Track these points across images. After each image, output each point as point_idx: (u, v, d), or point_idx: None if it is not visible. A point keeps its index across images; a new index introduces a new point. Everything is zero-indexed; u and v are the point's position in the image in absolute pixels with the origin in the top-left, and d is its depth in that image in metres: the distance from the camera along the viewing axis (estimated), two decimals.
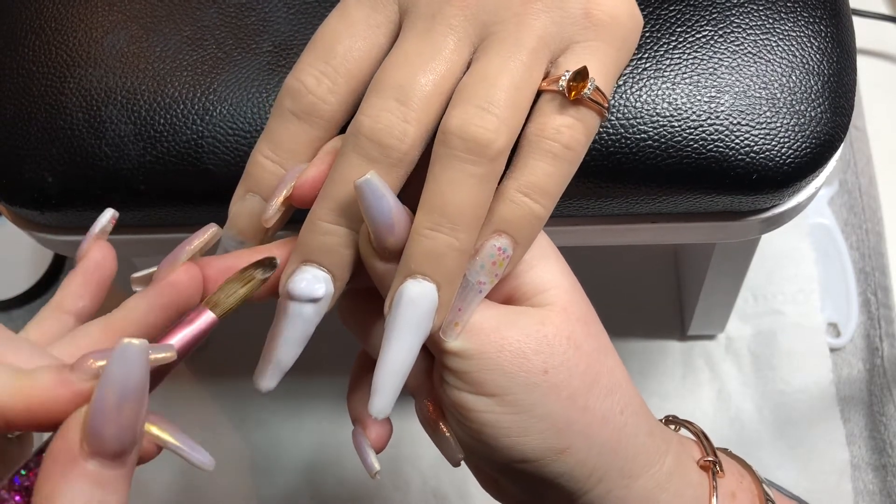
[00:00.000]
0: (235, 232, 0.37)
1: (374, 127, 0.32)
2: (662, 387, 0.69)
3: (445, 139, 0.32)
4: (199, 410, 0.70)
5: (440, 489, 0.66)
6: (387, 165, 0.33)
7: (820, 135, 0.41)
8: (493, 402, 0.34)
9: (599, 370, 0.35)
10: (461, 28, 0.34)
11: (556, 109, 0.34)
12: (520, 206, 0.33)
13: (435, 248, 0.32)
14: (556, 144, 0.33)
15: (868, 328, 0.70)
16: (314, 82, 0.35)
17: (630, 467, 0.36)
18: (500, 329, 0.34)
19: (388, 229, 0.32)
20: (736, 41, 0.42)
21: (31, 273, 0.74)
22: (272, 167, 0.36)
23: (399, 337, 0.33)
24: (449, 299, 0.33)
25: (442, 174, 0.32)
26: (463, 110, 0.32)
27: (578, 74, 0.33)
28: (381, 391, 0.33)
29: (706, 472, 0.38)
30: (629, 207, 0.43)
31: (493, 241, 0.33)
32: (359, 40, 0.35)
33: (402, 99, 0.33)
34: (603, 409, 0.35)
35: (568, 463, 0.35)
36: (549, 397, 0.34)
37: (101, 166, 0.42)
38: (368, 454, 0.36)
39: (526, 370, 0.34)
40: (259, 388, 0.35)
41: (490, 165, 0.32)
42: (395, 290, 0.33)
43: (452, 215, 0.32)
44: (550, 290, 0.35)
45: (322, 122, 0.35)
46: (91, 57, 0.43)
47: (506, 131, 0.32)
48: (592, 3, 0.35)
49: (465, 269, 0.33)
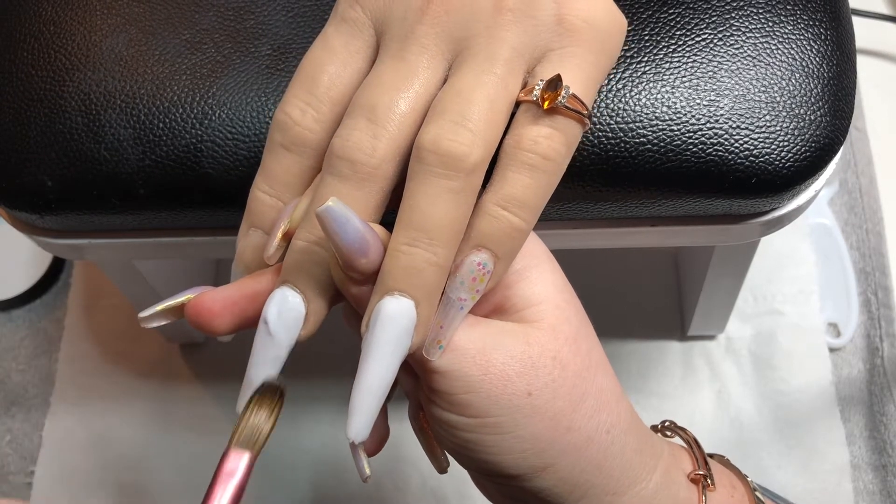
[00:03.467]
0: (243, 268, 0.37)
1: (343, 146, 0.33)
2: (662, 387, 0.69)
3: (420, 155, 0.32)
4: (199, 410, 0.70)
5: (440, 489, 0.66)
6: (356, 181, 0.33)
7: (820, 138, 0.41)
8: (476, 423, 0.34)
9: (586, 389, 0.35)
10: (433, 46, 0.34)
11: (532, 120, 0.33)
12: (499, 219, 0.33)
13: (413, 264, 0.32)
14: (533, 156, 0.33)
15: (868, 328, 0.70)
16: (299, 114, 0.35)
17: (614, 485, 0.35)
18: (486, 351, 0.34)
19: (358, 253, 0.32)
20: (735, 44, 0.41)
21: (31, 273, 0.74)
22: (271, 201, 0.36)
23: (377, 356, 0.32)
24: (428, 316, 0.33)
25: (417, 189, 0.32)
26: (437, 126, 0.32)
27: (551, 83, 0.33)
28: (357, 413, 0.32)
29: (697, 485, 0.38)
30: (628, 211, 0.43)
31: (472, 257, 0.33)
32: (339, 67, 0.35)
33: (371, 118, 0.33)
34: (588, 429, 0.35)
35: (549, 479, 0.35)
36: (532, 419, 0.34)
37: (100, 170, 0.42)
38: (361, 459, 0.36)
39: (509, 393, 0.33)
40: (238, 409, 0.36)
41: (466, 179, 0.32)
42: (371, 307, 0.32)
43: (429, 230, 0.32)
44: (538, 306, 0.35)
45: (311, 152, 0.35)
46: (90, 60, 0.43)
47: (481, 145, 0.32)
48: (565, 9, 0.34)
49: (443, 285, 0.33)
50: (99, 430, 0.69)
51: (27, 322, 0.74)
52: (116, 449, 0.69)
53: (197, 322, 0.34)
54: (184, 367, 0.71)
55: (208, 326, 0.34)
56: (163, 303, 0.35)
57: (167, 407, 0.70)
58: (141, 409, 0.70)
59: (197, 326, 0.35)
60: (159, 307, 0.35)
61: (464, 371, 0.33)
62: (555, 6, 0.34)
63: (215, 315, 0.34)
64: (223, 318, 0.34)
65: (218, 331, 0.34)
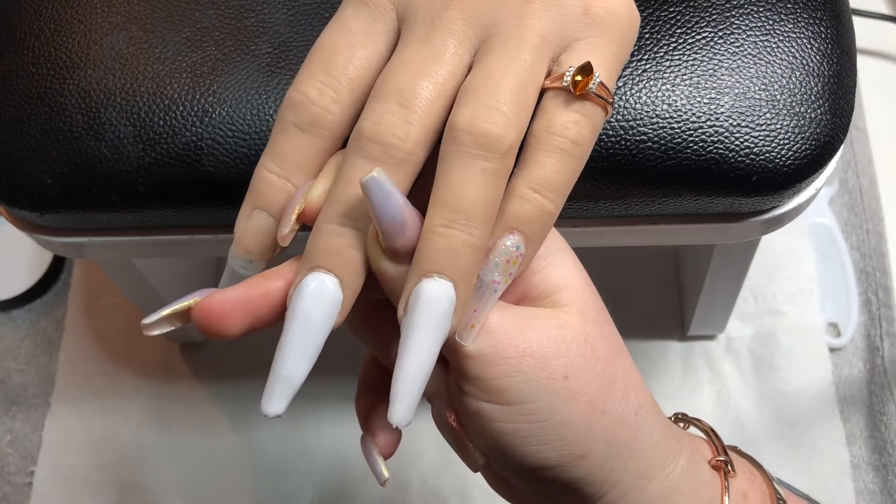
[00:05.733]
0: (243, 251, 0.35)
1: (376, 129, 0.32)
2: (662, 387, 0.69)
3: (455, 136, 0.32)
4: (199, 410, 0.70)
5: (440, 489, 0.66)
6: (391, 165, 0.32)
7: (820, 136, 0.41)
8: (513, 412, 0.33)
9: (615, 372, 0.35)
10: (461, 32, 0.34)
11: (562, 105, 0.33)
12: (531, 202, 0.33)
13: (451, 245, 0.31)
14: (563, 140, 0.33)
15: (868, 328, 0.70)
16: (317, 93, 0.34)
17: (645, 469, 0.35)
18: (522, 332, 0.33)
19: (399, 228, 0.31)
20: (736, 43, 0.41)
21: (31, 273, 0.74)
22: (279, 182, 0.34)
23: (418, 339, 0.31)
24: (465, 298, 0.32)
25: (453, 170, 0.32)
26: (471, 107, 0.32)
27: (583, 69, 0.33)
28: (401, 398, 0.31)
29: (718, 471, 0.38)
30: (629, 209, 0.43)
31: (505, 239, 0.33)
32: (359, 49, 0.35)
33: (403, 102, 0.32)
34: (620, 412, 0.35)
35: (587, 468, 0.34)
36: (570, 404, 0.33)
37: (100, 168, 0.42)
38: (378, 462, 0.35)
39: (546, 377, 0.33)
40: (267, 412, 0.32)
41: (501, 161, 0.32)
42: (409, 290, 0.32)
43: (467, 211, 0.31)
44: (566, 291, 0.35)
45: (327, 133, 0.34)
46: (90, 58, 0.43)
47: (515, 127, 0.32)
48: (591, 1, 0.35)
49: (479, 268, 0.33)
50: (99, 430, 0.69)
51: (27, 322, 0.74)
52: (116, 449, 0.69)
53: (206, 325, 0.33)
54: (184, 367, 0.71)
55: (218, 329, 0.33)
56: (167, 307, 0.33)
57: (167, 407, 0.70)
58: (141, 409, 0.70)
59: (205, 330, 0.33)
60: (164, 312, 0.34)
61: (500, 353, 0.33)
62: None
63: (226, 316, 0.33)
64: (235, 320, 0.33)
65: (229, 333, 0.33)
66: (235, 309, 0.33)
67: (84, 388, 0.71)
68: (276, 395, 0.33)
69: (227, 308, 0.33)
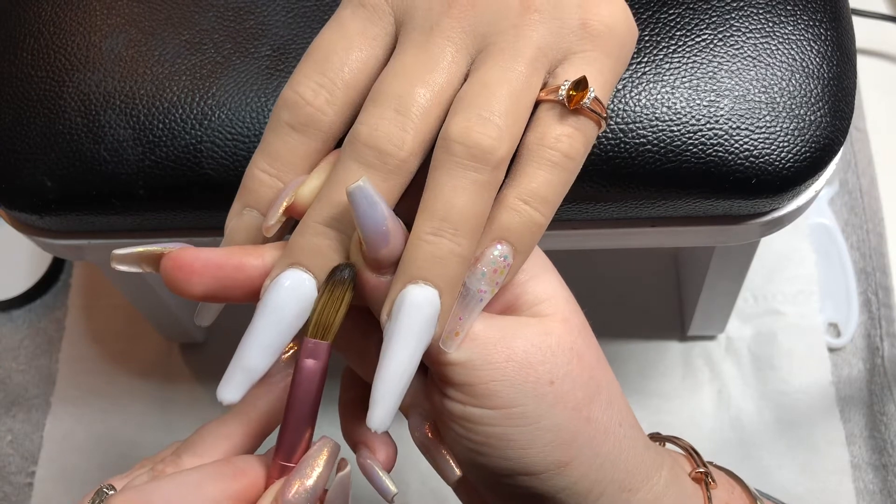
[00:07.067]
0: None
1: (372, 134, 0.32)
2: (662, 387, 0.69)
3: (447, 145, 0.32)
4: (199, 410, 0.70)
5: (440, 489, 0.66)
6: (384, 172, 0.32)
7: (820, 138, 0.41)
8: (500, 415, 0.33)
9: (600, 381, 0.35)
10: (459, 40, 0.34)
11: (556, 119, 0.33)
12: (520, 213, 0.33)
13: (437, 253, 0.32)
14: (556, 153, 0.33)
15: (868, 328, 0.70)
16: (312, 94, 0.34)
17: (630, 480, 0.35)
18: (506, 339, 0.34)
19: (382, 238, 0.31)
20: (735, 45, 0.41)
21: (31, 273, 0.74)
22: (270, 181, 0.35)
23: (401, 344, 0.31)
24: (449, 307, 0.33)
25: (444, 180, 0.32)
26: (464, 117, 0.32)
27: (578, 84, 0.33)
28: (382, 402, 0.31)
29: (699, 483, 0.38)
30: (629, 211, 0.43)
31: (493, 249, 0.33)
32: (355, 51, 0.35)
33: (400, 109, 0.32)
34: (605, 421, 0.35)
35: (571, 476, 0.34)
36: (556, 408, 0.34)
37: (99, 170, 0.42)
38: (382, 479, 0.35)
39: (533, 381, 0.33)
40: (222, 398, 0.32)
41: (492, 173, 0.32)
42: (394, 295, 0.32)
43: (455, 221, 0.32)
44: (548, 301, 0.35)
45: (320, 134, 0.34)
46: (90, 61, 0.43)
47: (507, 140, 0.32)
48: (589, 14, 0.35)
49: (464, 278, 0.33)
50: (99, 431, 0.69)
51: (27, 322, 0.74)
52: (116, 449, 0.69)
53: (172, 277, 0.33)
54: (184, 367, 0.71)
55: (183, 284, 0.32)
56: (141, 245, 0.34)
57: (167, 407, 0.70)
58: (141, 409, 0.70)
59: (170, 282, 0.33)
60: (137, 249, 0.33)
61: (486, 359, 0.33)
62: (580, 10, 0.35)
63: (194, 273, 0.32)
64: (201, 279, 0.33)
65: (191, 291, 0.33)
66: (205, 269, 0.33)
67: (84, 388, 0.71)
68: (234, 383, 0.33)
69: (198, 266, 0.33)
